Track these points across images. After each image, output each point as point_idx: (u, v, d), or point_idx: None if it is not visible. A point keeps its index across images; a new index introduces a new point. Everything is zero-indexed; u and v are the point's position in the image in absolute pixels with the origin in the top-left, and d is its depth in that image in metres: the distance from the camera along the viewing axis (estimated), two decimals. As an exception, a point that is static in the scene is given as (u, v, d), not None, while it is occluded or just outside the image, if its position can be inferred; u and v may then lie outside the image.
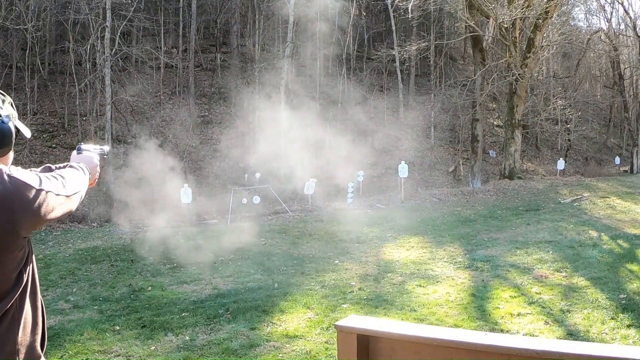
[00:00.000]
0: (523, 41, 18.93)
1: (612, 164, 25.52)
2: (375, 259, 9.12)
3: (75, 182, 1.82)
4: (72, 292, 7.46)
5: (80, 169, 1.93)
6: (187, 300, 6.99)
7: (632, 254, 8.66)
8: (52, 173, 1.78)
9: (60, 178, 1.74)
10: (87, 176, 1.96)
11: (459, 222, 12.08)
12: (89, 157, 2.07)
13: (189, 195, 12.88)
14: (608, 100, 29.51)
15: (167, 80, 22.11)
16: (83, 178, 1.91)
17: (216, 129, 20.42)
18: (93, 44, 17.72)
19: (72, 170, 1.89)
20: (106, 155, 2.20)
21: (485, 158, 21.18)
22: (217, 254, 9.56)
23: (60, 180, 1.72)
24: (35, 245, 10.36)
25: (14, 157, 1.77)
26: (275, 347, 5.23)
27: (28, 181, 1.58)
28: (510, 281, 7.36)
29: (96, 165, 2.09)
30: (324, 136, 20.94)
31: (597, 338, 5.20)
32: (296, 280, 7.82)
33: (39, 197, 1.58)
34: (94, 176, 2.06)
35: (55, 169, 1.95)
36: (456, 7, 19.27)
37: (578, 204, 13.89)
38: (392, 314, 6.15)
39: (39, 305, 1.69)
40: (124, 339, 5.54)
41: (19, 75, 18.84)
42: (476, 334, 1.99)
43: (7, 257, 1.54)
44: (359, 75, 25.70)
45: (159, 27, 22.04)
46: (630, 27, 26.37)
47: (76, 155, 2.06)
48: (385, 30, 25.85)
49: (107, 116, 16.59)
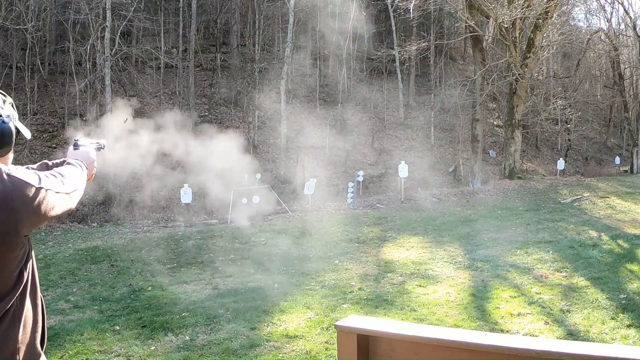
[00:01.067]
0: (523, 41, 18.93)
1: (612, 164, 25.51)
2: (375, 259, 9.12)
3: (74, 180, 1.81)
4: (72, 292, 7.46)
5: (78, 166, 1.93)
6: (187, 300, 6.99)
7: (632, 254, 8.66)
8: (50, 171, 1.78)
9: (60, 176, 1.74)
10: (85, 172, 1.96)
11: (459, 222, 12.08)
12: (86, 152, 2.06)
13: (189, 195, 12.88)
14: (608, 100, 29.50)
15: (167, 80, 22.12)
16: (81, 175, 1.91)
17: (216, 129, 20.41)
18: (93, 44, 17.72)
19: (70, 167, 1.89)
20: (103, 148, 2.19)
21: (485, 158, 21.17)
22: (217, 254, 9.56)
23: (59, 178, 1.72)
24: (35, 245, 10.36)
25: (14, 157, 1.78)
26: (275, 347, 5.23)
27: (27, 180, 1.58)
28: (510, 281, 7.36)
29: (93, 160, 2.08)
30: (324, 136, 20.94)
31: (597, 338, 5.20)
32: (296, 280, 7.82)
33: (38, 196, 1.58)
34: (91, 172, 2.06)
35: (52, 165, 1.95)
36: (456, 7, 19.27)
37: (578, 204, 13.89)
38: (392, 314, 6.15)
39: (39, 303, 1.69)
40: (124, 339, 5.54)
41: (19, 75, 18.84)
42: (476, 334, 1.99)
43: (8, 256, 1.55)
44: (359, 75, 25.70)
45: (159, 27, 22.04)
46: (630, 27, 26.37)
47: (73, 151, 2.05)
48: (385, 30, 25.85)
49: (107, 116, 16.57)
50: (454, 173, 21.09)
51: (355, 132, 22.26)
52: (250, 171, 16.64)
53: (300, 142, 20.53)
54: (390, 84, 25.31)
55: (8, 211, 1.52)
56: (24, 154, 16.07)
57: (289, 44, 19.73)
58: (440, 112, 24.00)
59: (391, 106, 25.15)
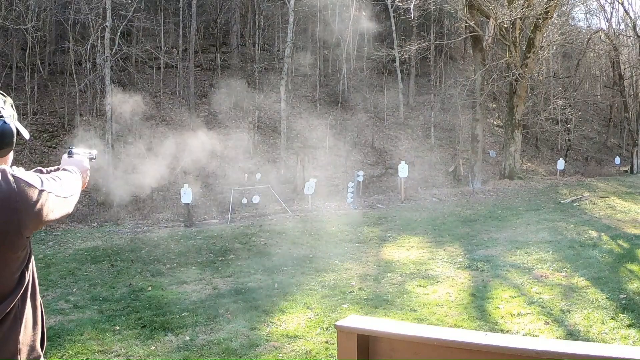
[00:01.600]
0: (523, 41, 18.93)
1: (612, 164, 25.52)
2: (375, 259, 9.12)
3: (71, 185, 1.85)
4: (72, 292, 7.46)
5: (73, 172, 1.96)
6: (187, 300, 6.99)
7: (632, 254, 8.66)
8: (50, 175, 1.80)
9: (58, 180, 1.76)
10: (81, 179, 2.00)
11: (459, 222, 12.08)
12: (79, 160, 2.11)
13: (189, 195, 12.89)
14: (608, 100, 29.51)
15: (167, 80, 22.12)
16: (77, 181, 1.95)
17: (216, 128, 20.41)
18: (93, 44, 17.73)
19: (67, 173, 1.92)
20: (94, 158, 2.26)
21: (485, 158, 21.18)
22: (217, 254, 9.56)
23: (58, 182, 1.74)
24: (35, 245, 10.37)
25: (15, 158, 1.78)
26: (275, 347, 5.23)
27: (31, 181, 1.60)
28: (510, 281, 7.36)
29: (87, 169, 2.14)
30: (324, 136, 20.94)
31: (597, 338, 5.20)
32: (296, 280, 7.82)
33: (41, 198, 1.60)
34: (85, 180, 2.10)
35: (46, 172, 1.96)
36: (456, 7, 19.27)
37: (578, 204, 13.89)
38: (392, 314, 6.15)
39: (39, 305, 1.70)
40: (124, 339, 5.54)
41: (19, 75, 18.84)
42: (476, 334, 1.99)
43: (10, 256, 1.56)
44: (359, 75, 25.70)
45: (159, 27, 22.04)
46: (630, 27, 26.37)
47: (67, 159, 2.10)
48: (385, 30, 25.85)
49: (107, 116, 16.58)
50: (454, 173, 21.09)
51: (355, 132, 22.28)
52: (250, 171, 16.66)
53: (300, 142, 20.54)
54: (390, 84, 25.32)
55: (11, 212, 1.52)
56: (24, 154, 16.08)
57: (289, 44, 19.73)
58: (440, 112, 24.01)
59: (391, 106, 25.15)
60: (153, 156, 12.66)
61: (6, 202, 1.52)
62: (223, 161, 17.72)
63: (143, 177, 11.28)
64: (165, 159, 12.07)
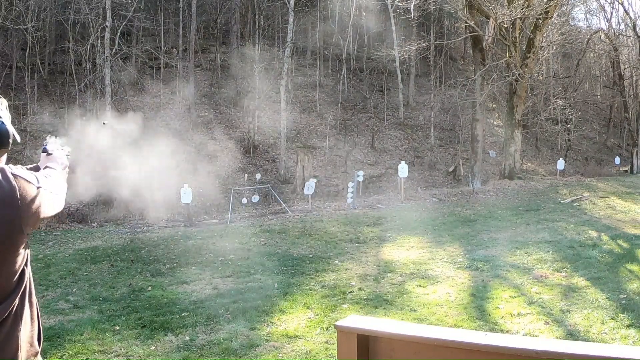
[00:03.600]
0: (523, 41, 18.92)
1: (612, 164, 25.52)
2: (375, 259, 9.12)
3: (60, 182, 1.89)
4: (72, 292, 7.46)
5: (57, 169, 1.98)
6: (187, 300, 6.99)
7: (632, 254, 8.66)
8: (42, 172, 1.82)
9: (50, 177, 1.79)
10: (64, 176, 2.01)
11: (459, 222, 12.08)
12: (59, 157, 2.10)
13: (189, 195, 12.89)
14: (608, 100, 29.51)
15: (167, 80, 22.12)
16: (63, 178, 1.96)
17: (216, 128, 20.41)
18: (93, 44, 17.73)
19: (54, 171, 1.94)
20: (68, 155, 2.20)
21: (485, 158, 21.18)
22: (217, 254, 9.56)
23: (50, 179, 1.78)
24: (35, 245, 10.38)
25: (15, 158, 1.79)
26: (275, 347, 5.23)
27: (30, 179, 1.62)
28: (510, 281, 7.36)
29: (67, 165, 2.13)
30: (324, 136, 20.95)
31: (597, 338, 5.20)
32: (296, 280, 7.82)
33: (39, 195, 1.63)
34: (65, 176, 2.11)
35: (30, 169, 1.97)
36: (456, 7, 19.27)
37: (578, 204, 13.89)
38: (392, 314, 6.15)
39: (34, 302, 1.73)
40: (124, 339, 5.54)
41: (19, 75, 18.84)
42: (476, 334, 1.99)
43: (14, 254, 1.58)
44: (359, 75, 25.70)
45: (159, 27, 22.04)
46: (630, 27, 26.38)
47: (46, 157, 2.06)
48: (385, 30, 25.85)
49: (107, 116, 16.57)
50: (454, 173, 21.10)
51: (355, 132, 22.28)
52: (250, 171, 16.66)
53: (300, 142, 20.55)
54: (390, 84, 25.32)
55: (15, 209, 1.55)
56: (24, 154, 16.08)
57: (289, 44, 19.73)
58: (440, 112, 24.01)
59: (391, 106, 25.15)
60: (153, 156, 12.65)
61: (10, 199, 1.54)
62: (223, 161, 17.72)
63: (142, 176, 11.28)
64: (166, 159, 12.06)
